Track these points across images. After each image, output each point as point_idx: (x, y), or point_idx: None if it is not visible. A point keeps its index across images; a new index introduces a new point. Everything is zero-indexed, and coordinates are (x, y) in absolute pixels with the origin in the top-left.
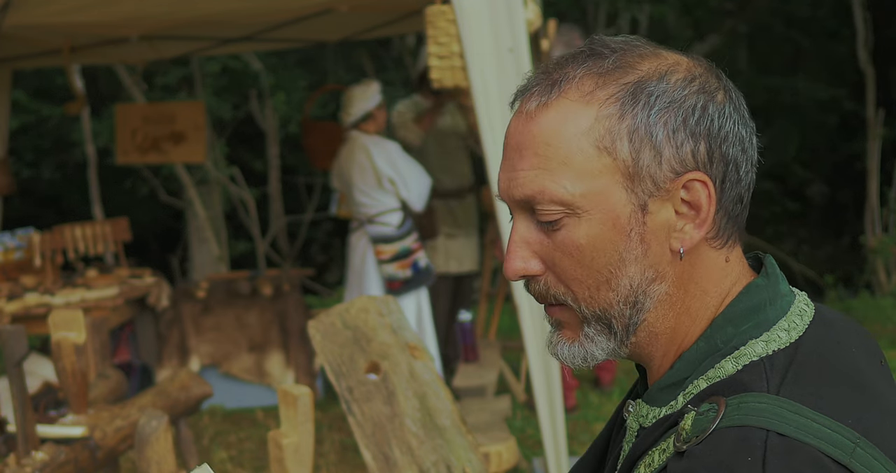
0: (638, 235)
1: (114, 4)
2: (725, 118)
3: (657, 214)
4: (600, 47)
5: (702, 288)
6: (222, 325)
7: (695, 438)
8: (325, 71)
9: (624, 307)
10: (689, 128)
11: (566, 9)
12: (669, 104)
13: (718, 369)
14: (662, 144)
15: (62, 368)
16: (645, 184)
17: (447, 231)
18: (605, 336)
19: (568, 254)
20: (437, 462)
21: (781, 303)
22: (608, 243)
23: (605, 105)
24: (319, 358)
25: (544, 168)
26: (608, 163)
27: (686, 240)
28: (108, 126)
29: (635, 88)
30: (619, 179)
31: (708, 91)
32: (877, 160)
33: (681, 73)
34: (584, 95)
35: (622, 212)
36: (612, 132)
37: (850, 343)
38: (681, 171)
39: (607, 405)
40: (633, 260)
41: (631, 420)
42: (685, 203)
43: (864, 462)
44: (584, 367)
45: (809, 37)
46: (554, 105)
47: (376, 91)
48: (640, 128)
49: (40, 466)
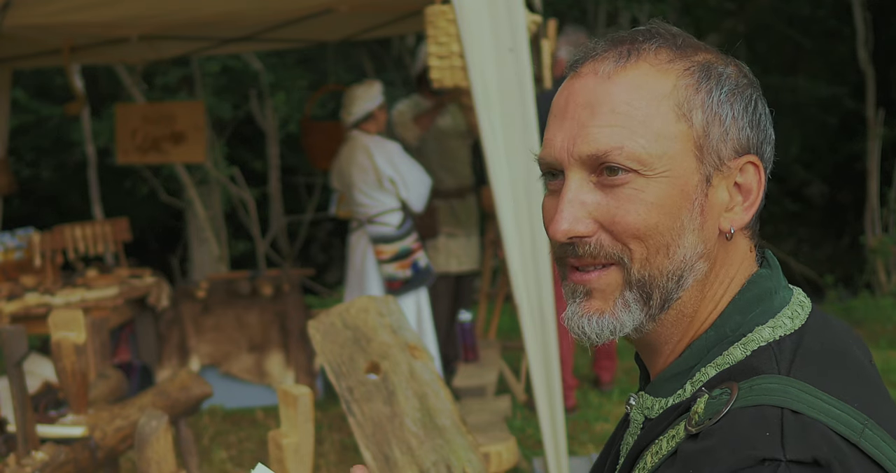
0: (700, 206)
1: (114, 4)
2: (766, 115)
3: (717, 190)
4: (662, 29)
5: (729, 276)
6: (222, 325)
7: (708, 420)
8: (325, 71)
9: (670, 279)
10: (749, 115)
11: (566, 8)
12: (735, 88)
13: (727, 356)
14: (730, 123)
15: (62, 368)
16: (711, 157)
17: (448, 230)
18: (640, 305)
19: (635, 212)
20: (437, 462)
21: (784, 293)
22: (675, 207)
23: (683, 76)
24: (319, 358)
25: (623, 125)
26: (684, 130)
27: (736, 221)
28: (108, 126)
29: (707, 67)
30: (691, 147)
31: (756, 86)
32: (877, 160)
33: (734, 66)
34: (663, 63)
35: (691, 179)
36: (690, 101)
37: (845, 336)
38: (741, 152)
39: (607, 405)
40: (692, 231)
41: (634, 412)
42: (737, 185)
43: (874, 443)
44: (609, 340)
45: (809, 36)
46: (633, 68)
47: (378, 91)
48: (714, 104)
49: (40, 466)
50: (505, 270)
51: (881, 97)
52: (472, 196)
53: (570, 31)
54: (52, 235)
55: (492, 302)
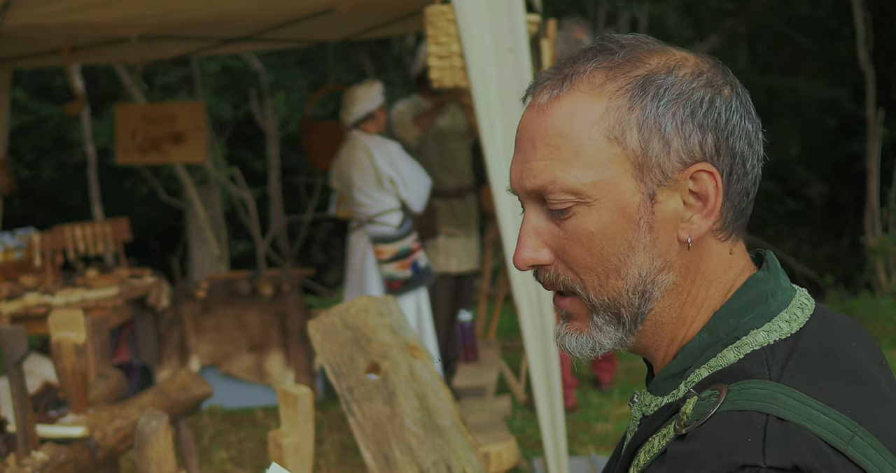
0: (647, 224)
1: (114, 4)
2: (732, 112)
3: (665, 204)
4: (610, 43)
5: (707, 279)
6: (222, 325)
7: (695, 421)
8: (325, 71)
9: (633, 296)
10: (697, 120)
11: (566, 8)
12: (678, 96)
13: (720, 358)
14: (671, 135)
15: (62, 368)
16: (654, 174)
17: (448, 230)
18: (613, 325)
19: (578, 242)
20: (437, 462)
21: (783, 296)
22: (618, 231)
23: (615, 97)
24: (319, 358)
25: (556, 158)
26: (618, 153)
27: (694, 230)
28: (108, 126)
29: (644, 81)
30: (628, 169)
31: (715, 85)
32: (877, 160)
33: (689, 68)
34: (595, 88)
35: (631, 200)
36: (622, 122)
37: (849, 339)
38: (689, 162)
39: (607, 405)
40: (642, 249)
41: (635, 409)
42: (693, 194)
43: (862, 451)
44: (591, 357)
45: (810, 37)
46: (565, 97)
47: (379, 91)
48: (650, 119)
49: (40, 466)
50: (505, 270)
51: (881, 97)
52: (473, 196)
53: (567, 23)
54: (52, 235)
55: (492, 302)
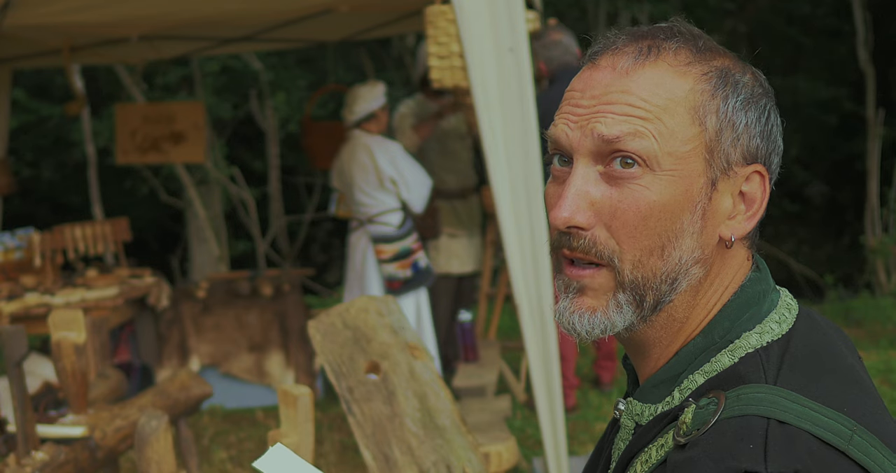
0: (702, 210)
1: (114, 4)
2: (778, 126)
3: (722, 195)
4: (684, 28)
5: (723, 284)
6: (222, 325)
7: (696, 431)
8: (325, 71)
9: (663, 281)
10: (761, 125)
11: (566, 8)
12: (750, 97)
13: (714, 363)
14: (741, 131)
15: (62, 368)
16: (720, 162)
17: (450, 231)
18: (633, 307)
19: (635, 210)
20: (437, 462)
21: (772, 297)
22: (677, 209)
23: (701, 80)
24: (319, 358)
25: (640, 117)
26: (697, 132)
27: (738, 230)
28: (108, 126)
29: (725, 73)
30: (702, 150)
31: (770, 95)
32: (877, 160)
33: (750, 73)
34: (682, 65)
35: (696, 181)
36: (705, 106)
37: (833, 337)
38: (749, 161)
39: (607, 405)
40: (691, 235)
41: (625, 418)
42: (742, 194)
43: (862, 449)
44: (596, 338)
45: (809, 36)
46: (651, 66)
47: (381, 92)
48: (729, 111)
49: (40, 466)
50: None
51: (881, 97)
52: (475, 196)
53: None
54: (52, 235)
55: (492, 302)
